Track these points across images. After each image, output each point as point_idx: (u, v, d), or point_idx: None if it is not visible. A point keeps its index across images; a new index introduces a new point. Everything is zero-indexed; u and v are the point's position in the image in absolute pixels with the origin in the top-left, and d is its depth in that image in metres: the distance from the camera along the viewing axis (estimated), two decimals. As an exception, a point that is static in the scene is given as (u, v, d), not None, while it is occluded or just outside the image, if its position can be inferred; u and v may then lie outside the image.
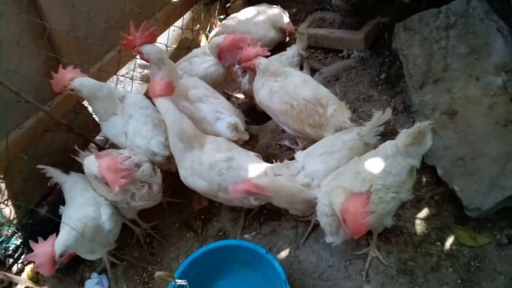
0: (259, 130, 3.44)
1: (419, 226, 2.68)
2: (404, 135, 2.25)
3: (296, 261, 2.68)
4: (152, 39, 2.94)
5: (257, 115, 3.51)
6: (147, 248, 2.96)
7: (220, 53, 3.17)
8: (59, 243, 2.34)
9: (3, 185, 2.80)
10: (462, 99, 2.91)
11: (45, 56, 2.82)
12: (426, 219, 2.70)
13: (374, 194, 2.14)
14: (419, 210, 2.75)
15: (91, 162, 2.50)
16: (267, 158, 3.26)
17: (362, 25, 3.80)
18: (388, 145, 2.33)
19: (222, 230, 2.96)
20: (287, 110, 2.76)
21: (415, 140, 2.23)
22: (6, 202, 2.81)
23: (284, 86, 2.80)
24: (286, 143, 3.30)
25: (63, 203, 2.72)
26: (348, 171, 2.37)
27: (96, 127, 3.29)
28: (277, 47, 4.05)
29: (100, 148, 3.30)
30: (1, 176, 2.76)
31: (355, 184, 2.23)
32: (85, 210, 2.57)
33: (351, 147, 2.53)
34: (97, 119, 3.08)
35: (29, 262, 2.67)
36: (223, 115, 2.91)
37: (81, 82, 2.73)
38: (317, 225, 2.77)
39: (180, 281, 2.29)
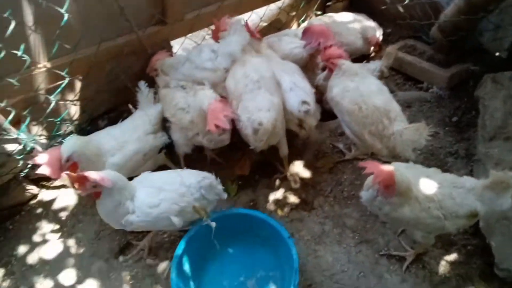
0: (319, 126, 3.48)
1: (443, 267, 2.64)
2: (489, 177, 2.22)
3: (313, 254, 2.71)
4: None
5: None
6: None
7: (306, 31, 3.25)
8: (66, 146, 2.49)
9: (79, 86, 2.98)
10: (528, 162, 2.85)
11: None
12: (452, 263, 2.65)
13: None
14: (448, 253, 2.70)
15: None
16: (318, 152, 3.33)
17: (451, 65, 3.76)
18: (472, 180, 2.33)
19: (253, 201, 3.04)
20: (354, 110, 2.77)
21: (494, 186, 2.18)
22: (76, 102, 3.00)
23: (359, 87, 2.81)
24: (340, 146, 3.32)
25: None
26: (419, 169, 2.39)
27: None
28: (360, 59, 4.10)
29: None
30: (81, 77, 2.95)
31: (416, 179, 2.29)
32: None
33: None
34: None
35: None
36: (299, 90, 2.91)
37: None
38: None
39: (211, 223, 2.43)
